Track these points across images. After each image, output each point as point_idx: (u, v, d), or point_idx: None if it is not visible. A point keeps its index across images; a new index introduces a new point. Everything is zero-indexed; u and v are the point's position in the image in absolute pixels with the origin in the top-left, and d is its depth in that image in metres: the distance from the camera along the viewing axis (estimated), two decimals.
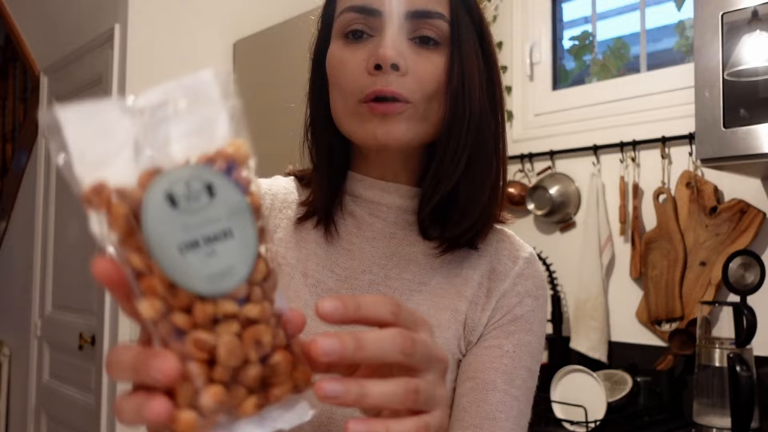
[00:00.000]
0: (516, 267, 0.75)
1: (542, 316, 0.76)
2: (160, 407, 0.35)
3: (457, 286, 0.74)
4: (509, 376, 0.70)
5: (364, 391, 0.38)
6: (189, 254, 0.35)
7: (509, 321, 0.73)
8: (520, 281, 0.75)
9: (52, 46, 3.06)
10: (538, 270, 0.77)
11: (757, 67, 1.55)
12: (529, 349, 0.73)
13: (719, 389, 1.72)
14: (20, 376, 3.26)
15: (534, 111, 2.48)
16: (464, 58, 0.69)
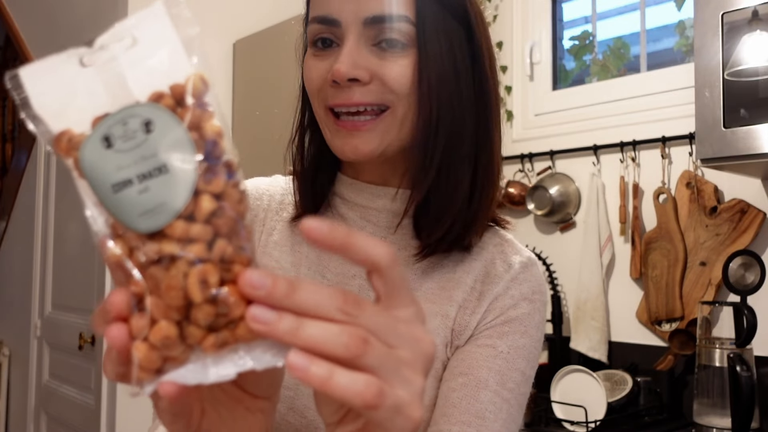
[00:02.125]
0: (511, 271, 0.74)
1: (539, 320, 0.74)
2: (117, 332, 0.36)
3: (448, 290, 0.73)
4: (502, 378, 0.69)
5: (301, 326, 0.35)
6: (122, 193, 0.36)
7: (503, 322, 0.72)
8: (515, 285, 0.73)
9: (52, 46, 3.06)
10: (535, 274, 0.75)
11: (757, 67, 1.55)
12: (524, 352, 0.71)
13: (719, 389, 1.71)
14: (20, 376, 3.26)
15: (534, 111, 2.48)
16: (432, 60, 0.67)
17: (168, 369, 0.36)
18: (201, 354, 0.37)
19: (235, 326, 0.37)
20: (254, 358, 0.37)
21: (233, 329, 0.37)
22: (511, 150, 2.49)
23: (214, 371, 0.36)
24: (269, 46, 2.56)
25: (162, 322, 0.36)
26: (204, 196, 0.36)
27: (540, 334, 0.74)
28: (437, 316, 0.72)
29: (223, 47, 2.71)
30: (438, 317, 0.71)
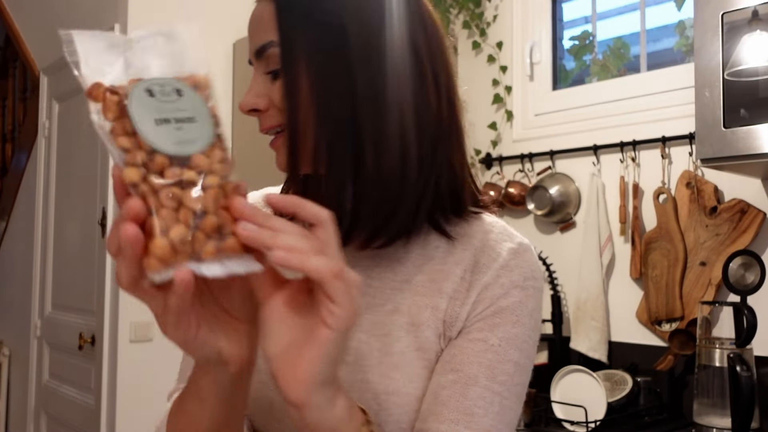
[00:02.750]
0: (500, 259, 0.73)
1: (533, 307, 0.73)
2: (132, 229, 0.47)
3: (438, 282, 0.73)
4: (492, 371, 0.69)
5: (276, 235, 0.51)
6: (162, 126, 0.49)
7: (493, 313, 0.71)
8: (505, 273, 0.72)
9: (52, 46, 3.06)
10: (527, 260, 0.74)
11: (757, 66, 1.55)
12: (517, 342, 0.71)
13: (719, 389, 1.71)
14: (20, 376, 3.26)
15: (534, 111, 2.48)
16: (296, 78, 0.69)
17: (175, 265, 0.47)
18: (196, 263, 0.48)
19: (227, 239, 0.50)
20: (238, 265, 0.50)
21: (226, 241, 0.49)
22: (511, 150, 2.49)
23: (207, 270, 0.48)
24: None
25: (180, 225, 0.47)
26: (218, 145, 0.52)
27: (534, 322, 0.73)
28: (427, 308, 0.72)
29: (223, 47, 2.71)
30: (428, 309, 0.72)
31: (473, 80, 2.62)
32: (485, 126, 2.56)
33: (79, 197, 2.81)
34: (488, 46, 2.57)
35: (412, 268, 0.75)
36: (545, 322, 2.28)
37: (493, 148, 2.55)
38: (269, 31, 0.71)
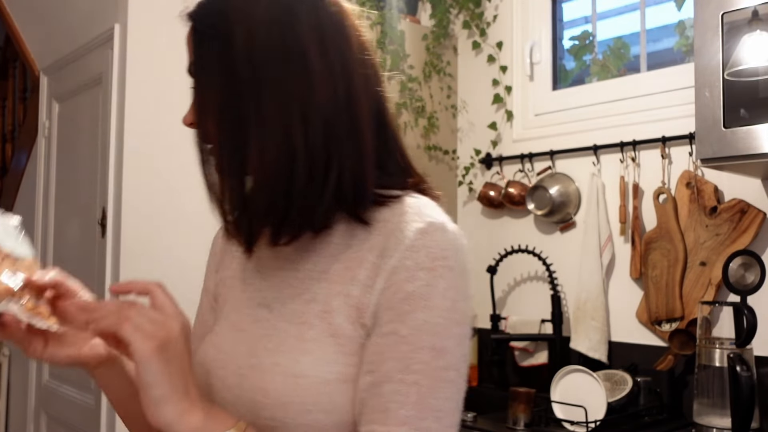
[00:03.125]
0: (406, 240, 0.72)
1: (446, 287, 0.71)
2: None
3: (353, 270, 0.75)
4: (405, 363, 0.70)
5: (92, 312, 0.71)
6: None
7: (401, 300, 0.71)
8: (410, 254, 0.72)
9: (52, 46, 3.06)
10: (435, 239, 0.72)
11: (757, 67, 1.55)
12: (429, 327, 0.70)
13: (719, 389, 1.71)
14: (20, 376, 3.26)
15: (534, 111, 2.48)
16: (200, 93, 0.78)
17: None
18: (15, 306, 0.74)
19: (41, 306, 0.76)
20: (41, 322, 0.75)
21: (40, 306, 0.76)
22: (511, 150, 2.49)
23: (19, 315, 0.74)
24: None
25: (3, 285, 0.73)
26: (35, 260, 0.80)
27: (449, 302, 0.72)
28: (340, 296, 0.75)
29: None
30: (341, 297, 0.75)
31: (473, 80, 2.62)
32: (485, 126, 2.56)
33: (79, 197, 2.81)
34: (488, 46, 2.57)
35: (330, 258, 0.78)
36: (545, 322, 2.28)
37: (493, 148, 2.55)
38: (190, 53, 0.79)
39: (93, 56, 2.71)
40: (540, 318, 2.30)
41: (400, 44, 2.45)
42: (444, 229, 0.74)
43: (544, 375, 2.18)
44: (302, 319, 0.76)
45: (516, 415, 1.82)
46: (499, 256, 2.34)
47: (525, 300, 2.43)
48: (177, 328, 0.71)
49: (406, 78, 2.47)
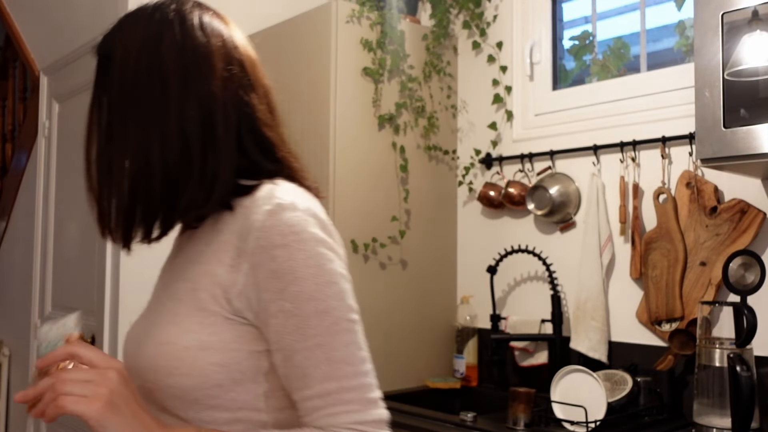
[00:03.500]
0: (257, 223, 0.83)
1: (305, 257, 0.82)
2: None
3: (219, 252, 0.86)
4: (301, 333, 0.81)
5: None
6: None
7: (271, 278, 0.82)
8: (263, 234, 0.82)
9: (52, 46, 3.06)
10: (283, 219, 0.82)
11: (757, 67, 1.55)
12: (306, 296, 0.81)
13: (719, 389, 1.71)
14: (20, 376, 3.26)
15: (534, 111, 2.48)
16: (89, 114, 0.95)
17: None
18: None
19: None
20: None
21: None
22: (511, 150, 2.49)
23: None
24: (269, 46, 2.56)
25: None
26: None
27: (312, 269, 0.82)
28: (206, 275, 0.86)
29: None
30: (207, 276, 0.86)
31: (473, 80, 2.62)
32: (485, 126, 2.56)
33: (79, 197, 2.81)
34: (488, 46, 2.57)
35: (203, 243, 0.90)
36: (545, 322, 2.28)
37: (493, 148, 2.54)
38: None
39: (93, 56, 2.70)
40: (540, 318, 2.30)
41: (400, 44, 2.45)
42: (292, 208, 0.84)
43: (544, 375, 2.18)
44: (177, 296, 0.89)
45: (516, 415, 1.82)
46: (499, 256, 2.34)
47: (525, 300, 2.43)
48: (114, 376, 0.79)
49: (406, 78, 2.47)
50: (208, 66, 0.89)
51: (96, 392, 0.77)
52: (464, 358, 2.44)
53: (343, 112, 2.31)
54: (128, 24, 0.92)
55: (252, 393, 0.86)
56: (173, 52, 0.88)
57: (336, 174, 2.28)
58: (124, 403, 0.78)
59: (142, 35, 0.89)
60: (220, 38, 0.92)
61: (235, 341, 0.85)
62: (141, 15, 0.92)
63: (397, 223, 2.42)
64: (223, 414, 0.85)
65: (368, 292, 2.35)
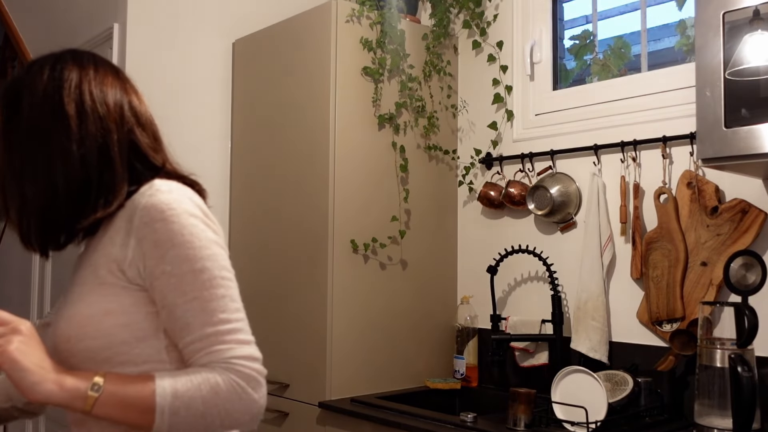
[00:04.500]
0: (140, 206, 1.01)
1: (179, 227, 0.99)
2: None
3: (112, 237, 1.03)
4: (180, 290, 0.98)
5: None
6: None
7: (153, 248, 0.99)
8: (144, 213, 1.00)
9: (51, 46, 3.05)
10: (160, 199, 1.00)
11: (758, 66, 1.55)
12: (182, 258, 0.98)
13: (720, 390, 1.71)
14: None
15: (534, 111, 2.47)
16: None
17: None
18: None
19: None
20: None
21: None
22: (511, 150, 2.49)
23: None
24: (269, 46, 2.55)
25: None
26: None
27: (186, 236, 0.99)
28: (103, 255, 1.04)
29: (223, 47, 2.70)
30: (103, 256, 1.03)
31: (473, 80, 2.62)
32: (485, 126, 2.55)
33: None
34: (488, 46, 2.56)
35: (101, 237, 1.06)
36: (546, 323, 2.27)
37: (494, 147, 2.54)
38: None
39: None
40: (540, 318, 2.29)
41: (400, 44, 2.44)
42: (168, 191, 1.02)
43: (545, 375, 2.17)
44: (82, 281, 1.06)
45: (516, 416, 1.81)
46: (499, 256, 2.33)
47: (525, 300, 2.42)
48: (24, 327, 0.96)
49: (406, 78, 2.46)
50: (105, 111, 1.07)
51: (8, 340, 0.94)
52: (464, 358, 2.44)
53: (343, 111, 2.30)
54: (33, 72, 1.09)
55: (155, 348, 1.02)
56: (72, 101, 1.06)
57: (336, 174, 2.27)
58: (32, 348, 0.95)
59: (45, 88, 1.06)
60: (114, 88, 1.10)
61: (133, 305, 1.01)
62: (44, 64, 1.10)
63: (397, 223, 2.41)
64: (132, 368, 1.00)
65: (368, 292, 2.34)
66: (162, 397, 0.94)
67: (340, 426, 2.15)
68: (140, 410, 0.94)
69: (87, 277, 1.06)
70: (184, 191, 1.05)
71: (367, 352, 2.33)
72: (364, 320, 2.33)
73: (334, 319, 2.25)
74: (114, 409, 0.95)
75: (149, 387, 0.95)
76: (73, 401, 0.94)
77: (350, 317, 2.29)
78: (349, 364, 2.28)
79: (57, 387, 0.94)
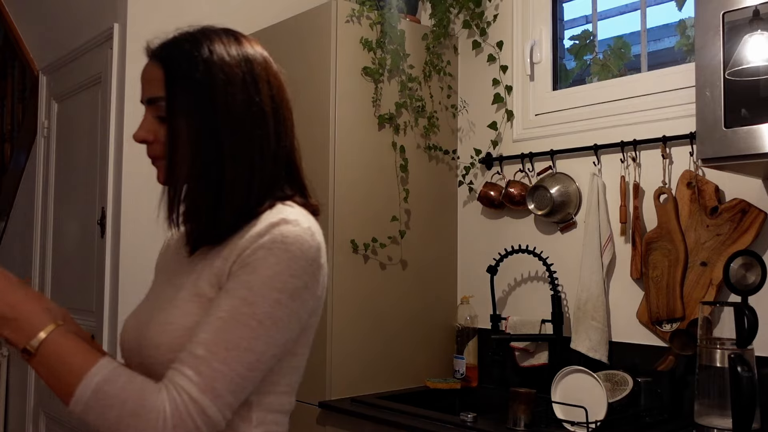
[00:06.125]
0: (258, 228, 0.95)
1: (274, 262, 0.93)
2: None
3: (222, 251, 0.98)
4: (218, 304, 0.93)
5: None
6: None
7: (239, 267, 0.94)
8: (257, 238, 0.95)
9: (51, 46, 3.06)
10: (281, 230, 0.95)
11: (758, 66, 1.55)
12: (246, 285, 0.92)
13: (720, 390, 1.71)
14: (20, 376, 3.26)
15: (534, 111, 2.47)
16: (177, 125, 0.99)
17: None
18: None
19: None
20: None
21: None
22: (511, 150, 2.49)
23: None
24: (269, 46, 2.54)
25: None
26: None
27: (272, 272, 0.93)
28: (207, 267, 0.99)
29: None
30: (207, 267, 0.99)
31: (473, 80, 2.62)
32: (485, 126, 2.55)
33: (78, 197, 2.80)
34: (488, 46, 2.57)
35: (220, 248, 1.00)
36: (546, 323, 2.27)
37: (494, 148, 2.54)
38: (156, 88, 1.01)
39: (92, 56, 2.70)
40: (540, 318, 2.29)
41: (400, 44, 2.44)
42: (294, 224, 0.97)
43: (545, 375, 2.17)
44: (180, 285, 1.01)
45: (516, 416, 1.81)
46: (499, 256, 2.34)
47: (525, 300, 2.42)
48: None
49: (406, 78, 2.46)
50: (285, 101, 1.07)
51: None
52: (464, 358, 2.44)
53: (343, 111, 2.30)
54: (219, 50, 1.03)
55: None
56: (267, 87, 1.05)
57: (336, 174, 2.27)
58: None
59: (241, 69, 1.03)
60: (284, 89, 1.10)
61: None
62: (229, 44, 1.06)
63: (397, 223, 2.41)
64: None
65: (368, 292, 2.35)
66: (85, 387, 0.89)
67: (340, 426, 2.16)
68: (63, 385, 0.91)
69: (187, 284, 1.00)
70: (310, 225, 0.99)
71: (367, 352, 2.33)
72: (364, 320, 2.33)
73: (334, 319, 2.25)
74: (42, 369, 0.93)
75: (82, 370, 0.91)
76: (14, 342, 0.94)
77: (350, 317, 2.29)
78: (349, 364, 2.28)
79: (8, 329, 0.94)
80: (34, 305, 0.96)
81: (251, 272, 0.92)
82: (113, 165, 2.48)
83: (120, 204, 2.45)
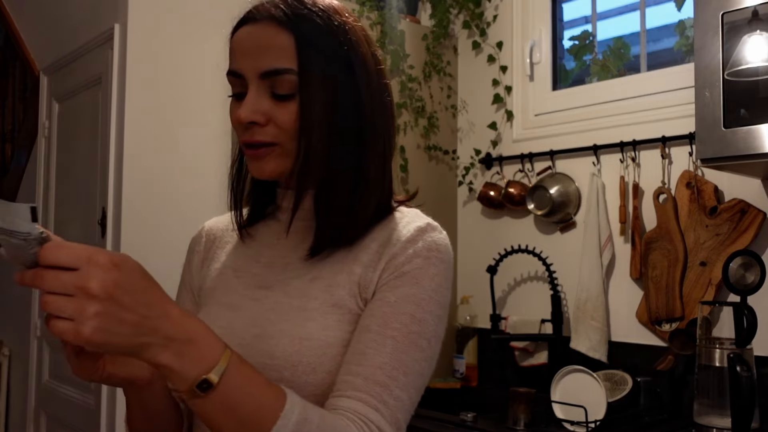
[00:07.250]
0: (408, 234, 0.87)
1: (434, 272, 0.85)
2: None
3: (355, 253, 0.88)
4: (385, 320, 0.82)
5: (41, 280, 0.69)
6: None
7: (396, 277, 0.84)
8: (411, 245, 0.86)
9: (52, 46, 3.06)
10: (432, 236, 0.87)
11: (757, 66, 1.55)
12: (414, 299, 0.83)
13: (719, 389, 1.71)
14: (20, 376, 3.26)
15: (534, 111, 2.48)
16: (313, 105, 0.85)
17: None
18: None
19: None
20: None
21: None
22: (511, 150, 2.49)
23: None
24: None
25: None
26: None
27: (435, 285, 0.85)
28: (343, 273, 0.87)
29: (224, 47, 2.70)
30: (344, 273, 0.87)
31: (473, 80, 2.62)
32: (485, 126, 2.56)
33: (79, 197, 2.81)
34: (488, 46, 2.57)
35: (350, 251, 0.89)
36: (545, 322, 2.28)
37: (493, 148, 2.54)
38: (284, 59, 0.84)
39: (93, 56, 2.71)
40: (540, 318, 2.30)
41: (400, 44, 2.45)
42: (440, 230, 0.90)
43: (545, 375, 2.17)
44: (305, 293, 0.87)
45: (516, 416, 1.82)
46: (499, 256, 2.34)
47: (525, 300, 2.43)
48: (103, 260, 0.66)
49: (406, 78, 2.47)
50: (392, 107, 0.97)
51: (82, 311, 0.62)
52: (464, 358, 2.44)
53: None
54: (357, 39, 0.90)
55: None
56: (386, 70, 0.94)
57: None
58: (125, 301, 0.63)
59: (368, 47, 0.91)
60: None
61: None
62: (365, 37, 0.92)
63: None
64: None
65: None
66: (281, 428, 0.70)
67: None
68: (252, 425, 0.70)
69: (318, 291, 0.87)
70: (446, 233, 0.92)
71: None
72: None
73: None
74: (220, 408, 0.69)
75: (275, 408, 0.71)
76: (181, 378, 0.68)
77: None
78: None
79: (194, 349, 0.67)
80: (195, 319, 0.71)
81: (415, 284, 0.84)
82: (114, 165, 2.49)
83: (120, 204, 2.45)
